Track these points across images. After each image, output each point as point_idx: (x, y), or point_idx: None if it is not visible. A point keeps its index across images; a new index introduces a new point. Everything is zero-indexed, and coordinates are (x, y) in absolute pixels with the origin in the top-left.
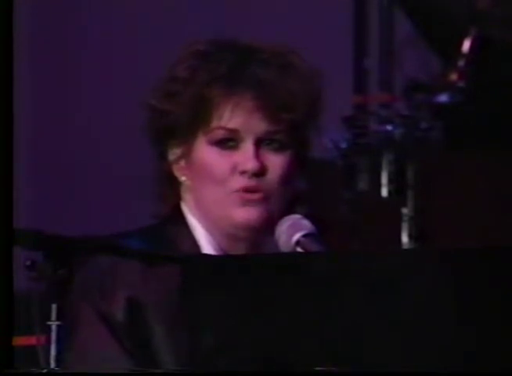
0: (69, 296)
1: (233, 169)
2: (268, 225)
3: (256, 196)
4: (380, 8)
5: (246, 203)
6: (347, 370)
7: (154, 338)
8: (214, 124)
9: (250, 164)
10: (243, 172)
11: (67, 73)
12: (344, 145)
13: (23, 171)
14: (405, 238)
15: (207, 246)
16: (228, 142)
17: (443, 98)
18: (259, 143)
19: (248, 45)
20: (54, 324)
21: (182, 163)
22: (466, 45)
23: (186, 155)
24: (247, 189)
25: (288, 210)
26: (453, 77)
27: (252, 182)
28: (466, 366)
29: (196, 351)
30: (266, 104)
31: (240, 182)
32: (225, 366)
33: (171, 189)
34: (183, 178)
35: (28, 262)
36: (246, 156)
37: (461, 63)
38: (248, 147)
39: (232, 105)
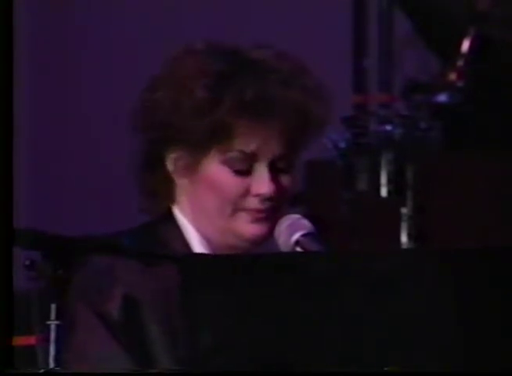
0: (68, 296)
1: (246, 191)
2: (270, 237)
3: (266, 214)
4: (380, 8)
5: (255, 220)
6: (348, 370)
7: (151, 337)
8: (232, 146)
9: (265, 189)
10: (256, 195)
11: (67, 73)
12: (343, 145)
13: (23, 171)
14: (404, 238)
15: (199, 248)
16: (243, 164)
17: (442, 98)
18: (272, 166)
19: (264, 63)
20: (53, 324)
21: (184, 167)
22: (465, 45)
23: (192, 164)
24: (259, 209)
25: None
26: (452, 77)
27: (265, 205)
28: (466, 366)
29: (195, 351)
30: (286, 130)
31: (252, 203)
32: (223, 366)
33: (166, 188)
34: (183, 181)
35: (28, 262)
36: (260, 180)
37: (460, 63)
38: (263, 171)
39: (253, 131)
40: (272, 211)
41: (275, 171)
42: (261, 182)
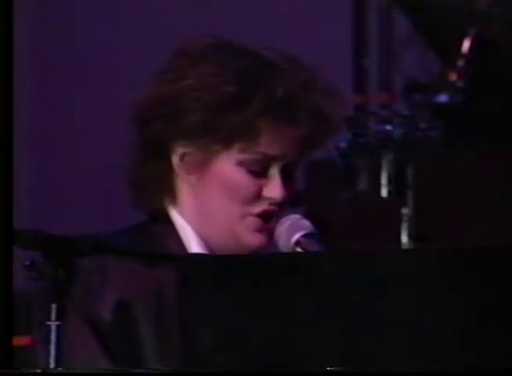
0: (68, 296)
1: (258, 193)
2: (269, 247)
3: (271, 224)
4: (380, 7)
5: (260, 229)
6: (348, 370)
7: (142, 340)
8: (255, 147)
9: (278, 194)
10: (267, 199)
11: (67, 73)
12: (344, 145)
13: (23, 170)
14: (404, 238)
15: (197, 250)
16: (260, 166)
17: (442, 98)
18: (285, 170)
19: (280, 66)
20: (54, 324)
21: (194, 163)
22: (465, 45)
23: (204, 161)
24: (266, 214)
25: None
26: (453, 77)
27: (273, 208)
28: (467, 366)
29: (196, 350)
30: (306, 134)
31: (260, 207)
32: (224, 366)
33: (166, 181)
34: (189, 178)
35: (28, 262)
36: (274, 184)
37: (460, 62)
38: (276, 174)
39: (278, 133)
40: (276, 217)
41: (287, 175)
42: (275, 187)
